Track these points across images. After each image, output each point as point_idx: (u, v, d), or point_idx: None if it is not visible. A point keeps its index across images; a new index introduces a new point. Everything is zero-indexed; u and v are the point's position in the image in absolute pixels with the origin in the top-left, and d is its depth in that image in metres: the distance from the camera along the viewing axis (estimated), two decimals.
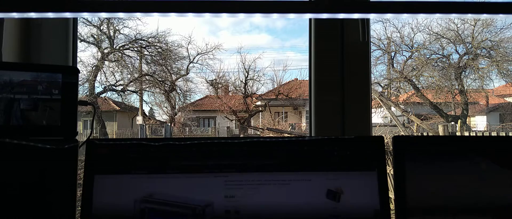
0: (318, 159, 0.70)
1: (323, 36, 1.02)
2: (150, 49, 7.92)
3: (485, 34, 6.64)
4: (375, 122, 5.64)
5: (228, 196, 0.68)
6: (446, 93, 6.88)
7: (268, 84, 10.17)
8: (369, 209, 0.68)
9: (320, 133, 1.01)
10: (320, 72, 1.02)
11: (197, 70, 9.78)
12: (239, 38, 12.86)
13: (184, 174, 0.68)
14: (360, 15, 0.90)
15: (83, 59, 7.23)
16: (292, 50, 13.01)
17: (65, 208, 0.68)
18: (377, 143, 0.71)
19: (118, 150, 0.69)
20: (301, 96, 8.56)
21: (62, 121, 0.72)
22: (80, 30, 7.24)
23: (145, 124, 8.40)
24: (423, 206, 0.70)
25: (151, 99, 8.75)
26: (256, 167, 0.69)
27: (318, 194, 0.68)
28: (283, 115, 8.90)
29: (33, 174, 0.68)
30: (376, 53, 6.95)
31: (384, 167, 0.71)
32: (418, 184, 0.70)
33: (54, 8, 0.79)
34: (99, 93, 7.60)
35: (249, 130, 8.11)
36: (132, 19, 7.50)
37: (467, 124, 6.96)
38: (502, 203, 0.70)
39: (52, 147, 0.69)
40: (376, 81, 6.76)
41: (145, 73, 8.03)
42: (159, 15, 0.82)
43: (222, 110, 8.54)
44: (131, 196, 0.67)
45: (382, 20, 6.60)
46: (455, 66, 6.76)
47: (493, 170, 0.71)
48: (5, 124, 0.69)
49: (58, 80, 0.72)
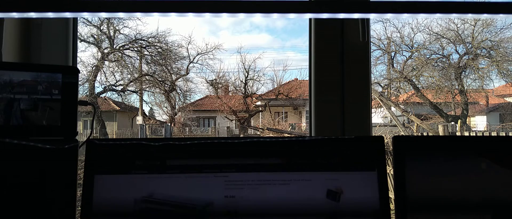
0: (318, 159, 0.70)
1: (323, 36, 1.02)
2: (150, 49, 7.92)
3: (485, 34, 6.64)
4: (375, 122, 5.64)
5: (228, 196, 0.68)
6: (446, 93, 6.88)
7: (268, 84, 10.18)
8: (369, 209, 0.68)
9: (320, 133, 1.01)
10: (320, 72, 1.02)
11: (197, 70, 9.79)
12: (239, 38, 12.85)
13: (184, 174, 0.68)
14: (360, 15, 0.90)
15: (83, 59, 7.23)
16: (292, 50, 13.01)
17: (65, 208, 0.68)
18: (377, 143, 0.71)
19: (118, 150, 0.69)
20: (301, 96, 8.56)
21: (62, 121, 0.72)
22: (80, 30, 7.24)
23: (145, 124, 8.40)
24: (423, 206, 0.70)
25: (151, 99, 8.75)
26: (256, 167, 0.69)
27: (318, 194, 0.68)
28: (283, 115, 8.90)
29: (33, 174, 0.68)
30: (376, 53, 6.96)
31: (384, 167, 0.71)
32: (418, 184, 0.70)
33: (54, 8, 0.79)
34: (99, 93, 7.60)
35: (249, 130, 8.11)
36: (132, 19, 7.50)
37: (467, 124, 6.96)
38: (502, 203, 0.70)
39: (52, 147, 0.69)
40: (376, 81, 6.76)
41: (145, 73, 8.03)
42: (159, 15, 0.82)
43: (222, 110, 8.54)
44: (131, 196, 0.67)
45: (382, 20, 6.60)
46: (455, 66, 6.76)
47: (493, 170, 0.71)
48: (5, 124, 0.69)
49: (58, 80, 0.72)
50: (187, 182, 0.68)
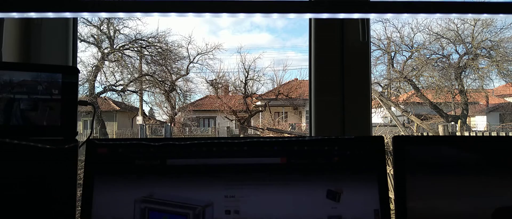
0: (318, 159, 0.70)
1: (323, 36, 1.02)
2: (150, 49, 7.92)
3: (485, 34, 6.64)
4: (375, 122, 5.64)
5: (228, 196, 0.68)
6: (446, 93, 6.88)
7: (268, 84, 10.19)
8: (369, 209, 0.68)
9: (320, 133, 1.01)
10: (320, 72, 1.02)
11: (197, 70, 9.80)
12: (240, 37, 12.87)
13: (184, 174, 0.68)
14: (360, 15, 0.90)
15: (83, 59, 7.24)
16: (293, 50, 13.02)
17: (65, 208, 0.68)
18: (377, 143, 0.71)
19: (118, 150, 0.69)
20: (301, 96, 8.56)
21: (62, 121, 0.72)
22: (80, 30, 7.24)
23: (145, 124, 8.40)
24: (423, 206, 0.70)
25: (151, 99, 8.76)
26: (256, 167, 0.69)
27: (318, 194, 0.68)
28: (283, 115, 8.90)
29: (33, 174, 0.68)
30: (376, 53, 6.96)
31: (384, 167, 0.71)
32: (418, 184, 0.70)
33: (54, 8, 0.79)
34: (99, 93, 7.60)
35: (249, 130, 8.11)
36: (132, 19, 7.51)
37: (467, 124, 6.97)
38: (502, 203, 0.70)
39: (52, 147, 0.69)
40: (376, 81, 6.76)
41: (145, 73, 8.03)
42: (159, 15, 0.82)
43: (222, 110, 8.55)
44: (131, 196, 0.67)
45: (382, 20, 6.60)
46: (455, 66, 6.76)
47: (493, 170, 0.71)
48: (5, 124, 0.69)
49: (58, 80, 0.72)
50: (187, 182, 0.68)
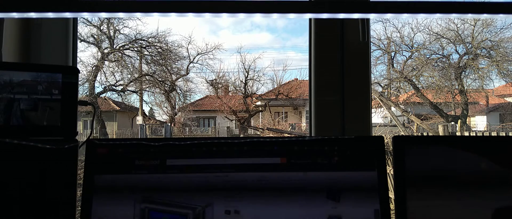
0: (318, 159, 0.70)
1: (323, 36, 1.02)
2: (150, 49, 7.93)
3: (485, 34, 6.65)
4: (375, 122, 5.64)
5: (228, 196, 0.68)
6: (446, 93, 6.88)
7: (268, 84, 10.19)
8: (369, 209, 0.68)
9: (320, 133, 1.01)
10: (320, 72, 1.02)
11: (197, 70, 9.81)
12: (240, 37, 12.88)
13: (184, 174, 0.68)
14: (360, 15, 0.90)
15: (83, 59, 7.24)
16: (293, 50, 13.02)
17: (65, 208, 0.68)
18: (377, 143, 0.71)
19: (118, 150, 0.69)
20: (301, 96, 8.57)
21: (62, 121, 0.72)
22: (80, 30, 7.24)
23: (145, 124, 8.40)
24: (423, 206, 0.70)
25: (151, 99, 8.77)
26: (256, 167, 0.69)
27: (318, 194, 0.68)
28: (283, 115, 8.91)
29: (33, 174, 0.68)
30: (376, 53, 6.97)
31: (384, 167, 0.71)
32: (418, 184, 0.70)
33: (54, 8, 0.79)
34: (99, 93, 7.61)
35: (249, 130, 8.12)
36: (132, 19, 7.52)
37: (467, 124, 6.97)
38: (502, 203, 0.70)
39: (52, 147, 0.69)
40: (376, 81, 6.76)
41: (145, 73, 8.04)
42: (159, 15, 0.82)
43: (222, 110, 8.55)
44: (131, 196, 0.67)
45: (382, 20, 6.61)
46: (455, 66, 6.76)
47: (493, 170, 0.71)
48: (5, 124, 0.69)
49: (58, 80, 0.72)
50: (187, 182, 0.68)
